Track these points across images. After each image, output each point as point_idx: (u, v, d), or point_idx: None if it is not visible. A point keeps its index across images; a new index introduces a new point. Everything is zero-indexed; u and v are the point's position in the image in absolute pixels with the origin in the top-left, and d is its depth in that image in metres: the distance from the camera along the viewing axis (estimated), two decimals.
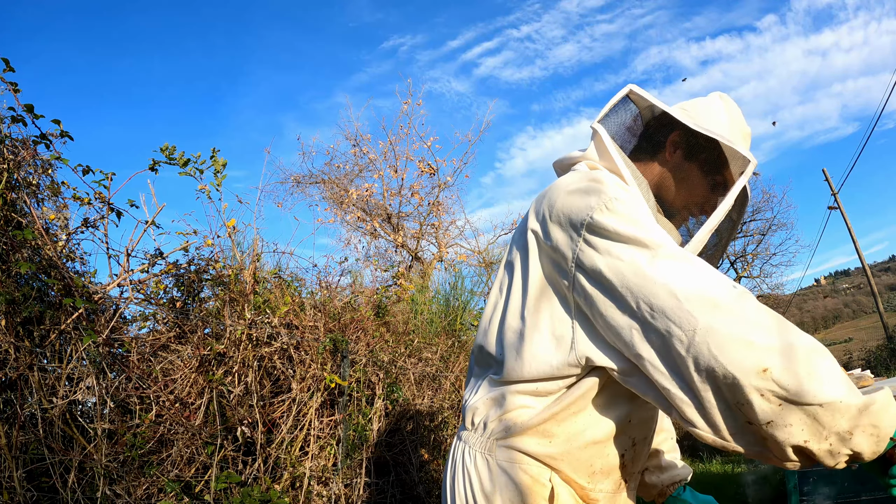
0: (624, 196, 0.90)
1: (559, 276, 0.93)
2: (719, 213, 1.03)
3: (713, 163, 1.08)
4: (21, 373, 1.83)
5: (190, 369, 2.27)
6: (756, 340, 0.74)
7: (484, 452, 0.99)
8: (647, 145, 1.13)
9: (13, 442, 1.76)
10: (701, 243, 1.04)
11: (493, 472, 0.97)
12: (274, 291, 2.91)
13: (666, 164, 1.11)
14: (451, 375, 3.90)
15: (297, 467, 2.52)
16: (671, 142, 1.10)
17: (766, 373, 0.72)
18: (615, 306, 0.85)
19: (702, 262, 0.83)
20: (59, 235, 2.26)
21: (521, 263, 1.00)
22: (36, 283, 2.01)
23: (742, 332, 0.74)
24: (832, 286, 77.73)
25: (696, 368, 0.76)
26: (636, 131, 1.16)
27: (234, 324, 2.44)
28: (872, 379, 3.15)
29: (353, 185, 11.16)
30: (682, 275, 0.80)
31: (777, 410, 0.73)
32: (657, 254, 0.83)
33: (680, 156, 1.10)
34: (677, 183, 1.10)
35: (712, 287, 0.78)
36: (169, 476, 2.07)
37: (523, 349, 0.95)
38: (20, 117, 2.10)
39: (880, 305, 16.16)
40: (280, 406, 2.58)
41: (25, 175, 2.18)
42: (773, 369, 0.72)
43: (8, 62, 2.06)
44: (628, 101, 1.14)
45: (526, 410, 0.96)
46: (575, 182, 0.96)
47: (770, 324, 0.76)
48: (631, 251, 0.84)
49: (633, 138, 1.15)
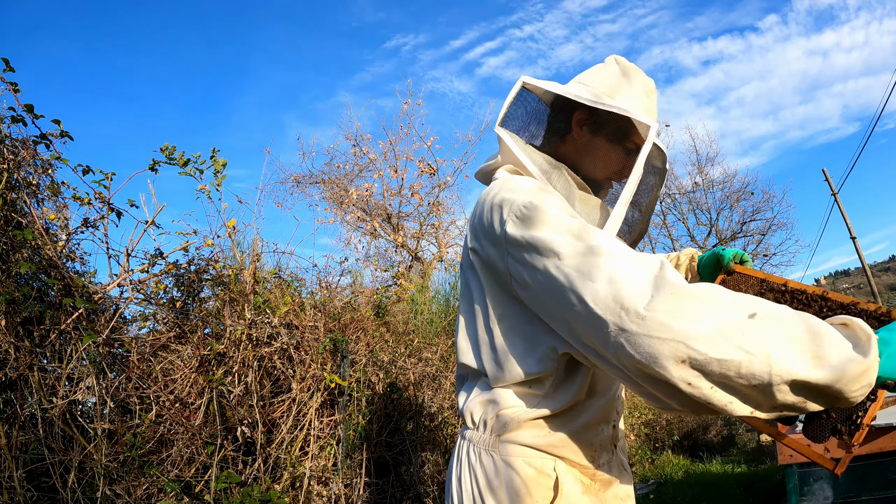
0: (530, 200, 0.93)
1: (505, 284, 0.98)
2: (631, 184, 1.05)
3: (620, 132, 1.11)
4: (21, 373, 1.83)
5: (190, 369, 2.27)
6: (666, 336, 0.72)
7: (488, 449, 1.01)
8: (556, 130, 1.15)
9: (13, 442, 1.76)
10: (619, 216, 1.06)
11: (497, 468, 0.98)
12: (274, 291, 2.91)
13: (576, 143, 1.13)
14: (451, 375, 3.90)
15: (297, 467, 2.52)
16: (577, 121, 1.13)
17: (685, 363, 0.72)
18: (546, 310, 0.90)
19: (609, 259, 0.81)
20: (59, 235, 2.26)
21: (474, 281, 1.05)
22: (36, 283, 2.01)
23: (651, 329, 0.73)
24: (832, 286, 77.75)
25: (624, 366, 0.78)
26: (543, 119, 1.17)
27: (234, 324, 2.44)
28: None
29: (353, 185, 11.15)
30: (588, 278, 0.80)
31: (709, 394, 0.73)
32: (564, 262, 0.84)
33: (587, 132, 1.13)
34: (592, 158, 1.13)
35: (621, 286, 0.77)
36: (169, 476, 2.07)
37: (501, 359, 1.00)
38: (20, 117, 2.10)
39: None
40: (280, 406, 2.58)
41: (25, 175, 2.18)
42: (692, 359, 0.72)
43: (8, 62, 2.06)
44: (527, 93, 1.15)
45: (521, 406, 0.99)
46: (490, 195, 1.00)
47: (687, 309, 0.73)
48: (542, 260, 0.87)
49: (542, 127, 1.17)
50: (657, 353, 0.73)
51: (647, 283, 0.77)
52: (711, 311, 0.73)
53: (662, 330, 0.73)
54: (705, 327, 0.72)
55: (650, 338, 0.73)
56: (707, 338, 0.71)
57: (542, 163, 1.08)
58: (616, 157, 1.13)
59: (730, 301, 0.75)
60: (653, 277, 0.78)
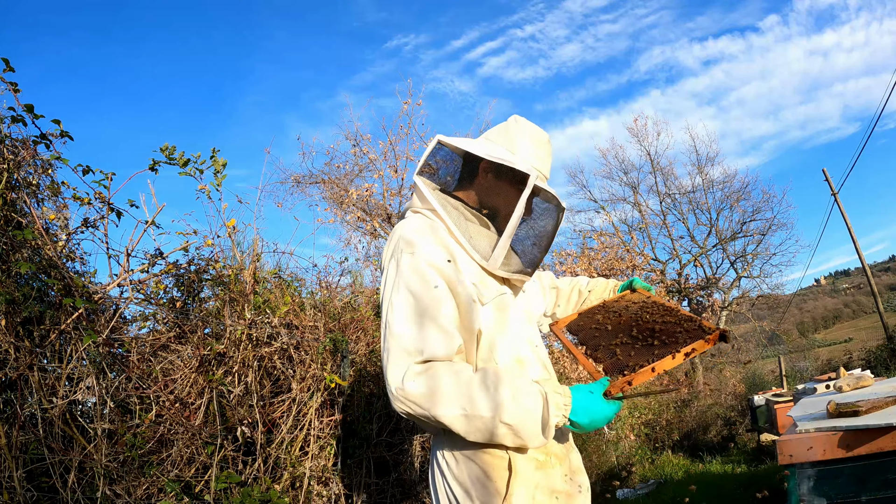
0: (394, 260, 1.30)
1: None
2: (512, 221, 1.35)
3: (513, 177, 1.40)
4: (21, 373, 1.83)
5: (190, 369, 2.26)
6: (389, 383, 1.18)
7: (452, 449, 1.27)
8: (467, 175, 1.49)
9: (13, 442, 1.76)
10: (503, 248, 1.35)
11: (459, 461, 1.25)
12: (274, 291, 2.91)
13: (482, 185, 1.47)
14: None
15: (297, 467, 2.52)
16: (482, 168, 1.45)
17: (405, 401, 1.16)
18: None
19: (395, 344, 1.19)
20: (59, 235, 2.26)
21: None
22: (36, 283, 2.01)
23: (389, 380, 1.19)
24: (832, 286, 77.68)
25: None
26: (456, 167, 1.50)
27: (234, 324, 2.43)
28: (872, 379, 3.15)
29: (353, 185, 11.14)
30: (390, 334, 1.21)
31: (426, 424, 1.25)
32: (390, 330, 1.21)
33: (491, 178, 1.45)
34: (494, 197, 1.45)
35: (392, 359, 1.19)
36: (169, 476, 2.07)
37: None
38: (20, 117, 2.10)
39: (880, 305, 16.15)
40: (280, 406, 2.58)
41: (25, 175, 2.18)
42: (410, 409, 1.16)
43: (8, 62, 2.06)
44: (442, 147, 1.46)
45: None
46: (393, 237, 1.35)
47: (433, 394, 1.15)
48: (385, 306, 1.27)
49: (455, 173, 1.50)
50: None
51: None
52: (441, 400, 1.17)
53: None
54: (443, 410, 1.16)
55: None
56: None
57: (447, 205, 1.38)
58: (511, 196, 1.39)
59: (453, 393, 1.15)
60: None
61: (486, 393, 1.11)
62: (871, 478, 2.07)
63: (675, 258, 18.26)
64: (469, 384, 1.12)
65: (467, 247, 1.33)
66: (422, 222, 1.34)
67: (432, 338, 1.15)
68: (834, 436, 2.07)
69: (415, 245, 1.26)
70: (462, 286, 1.26)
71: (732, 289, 18.10)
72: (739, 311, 17.84)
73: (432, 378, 1.11)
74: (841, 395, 2.76)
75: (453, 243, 1.34)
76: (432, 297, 1.19)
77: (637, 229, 17.76)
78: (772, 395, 6.73)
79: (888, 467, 2.03)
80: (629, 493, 5.79)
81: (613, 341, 1.44)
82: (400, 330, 1.17)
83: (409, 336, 1.15)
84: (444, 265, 1.24)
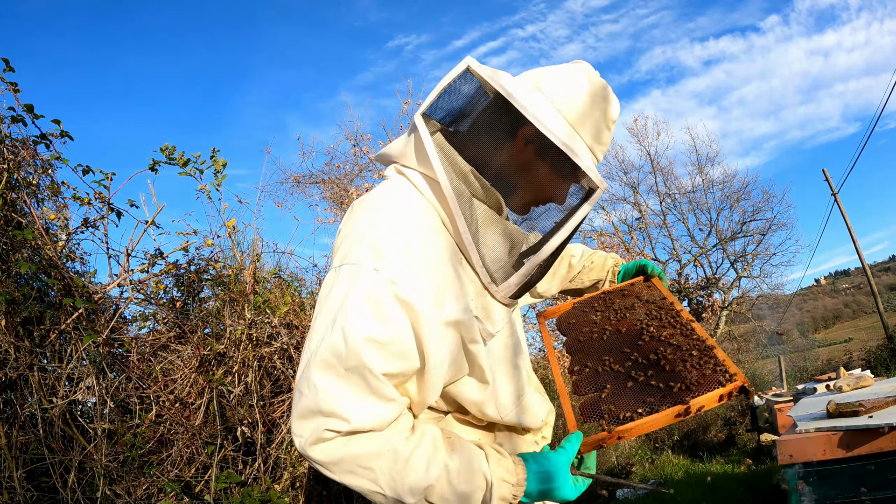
0: (370, 275, 0.84)
1: None
2: (550, 249, 0.95)
3: (567, 168, 0.96)
4: (21, 373, 1.83)
5: (190, 369, 2.27)
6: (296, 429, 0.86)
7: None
8: (493, 134, 0.97)
9: (13, 442, 1.76)
10: (526, 274, 0.97)
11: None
12: (274, 291, 2.91)
13: (514, 158, 0.98)
14: None
15: (297, 467, 2.52)
16: (523, 135, 0.96)
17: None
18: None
19: (310, 393, 0.83)
20: (59, 235, 2.26)
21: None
22: (36, 283, 2.01)
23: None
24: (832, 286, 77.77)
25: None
26: (476, 113, 0.99)
27: (234, 324, 2.44)
28: (872, 379, 3.15)
29: (353, 185, 11.14)
30: (306, 378, 0.84)
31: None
32: (309, 372, 0.83)
33: (532, 152, 0.97)
34: (525, 179, 0.99)
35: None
36: (169, 476, 2.07)
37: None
38: (20, 117, 2.10)
39: (880, 305, 16.15)
40: (280, 406, 2.58)
41: (25, 175, 2.19)
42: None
43: (8, 62, 2.06)
44: (470, 79, 0.97)
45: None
46: (355, 219, 0.93)
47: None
48: (315, 331, 0.86)
49: (471, 120, 1.00)
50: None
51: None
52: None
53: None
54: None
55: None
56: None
57: (460, 187, 0.92)
58: (551, 185, 1.00)
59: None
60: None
61: (414, 470, 0.84)
62: (871, 478, 2.07)
63: (675, 258, 18.27)
64: (394, 457, 0.83)
65: (476, 263, 0.94)
66: (407, 205, 0.91)
67: (361, 406, 0.82)
68: (834, 436, 2.07)
69: (384, 257, 0.84)
70: (448, 332, 0.89)
71: (732, 289, 18.10)
72: (739, 311, 17.85)
73: (346, 445, 0.83)
74: (841, 395, 2.76)
75: (452, 247, 0.93)
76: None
77: (637, 229, 17.76)
78: (772, 395, 6.73)
79: (888, 467, 2.03)
80: (629, 493, 5.79)
81: (604, 358, 1.14)
82: (320, 382, 0.81)
83: (328, 394, 0.81)
84: (422, 301, 0.84)
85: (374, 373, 0.81)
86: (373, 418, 0.83)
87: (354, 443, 0.83)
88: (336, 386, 0.81)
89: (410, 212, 0.90)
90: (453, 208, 0.90)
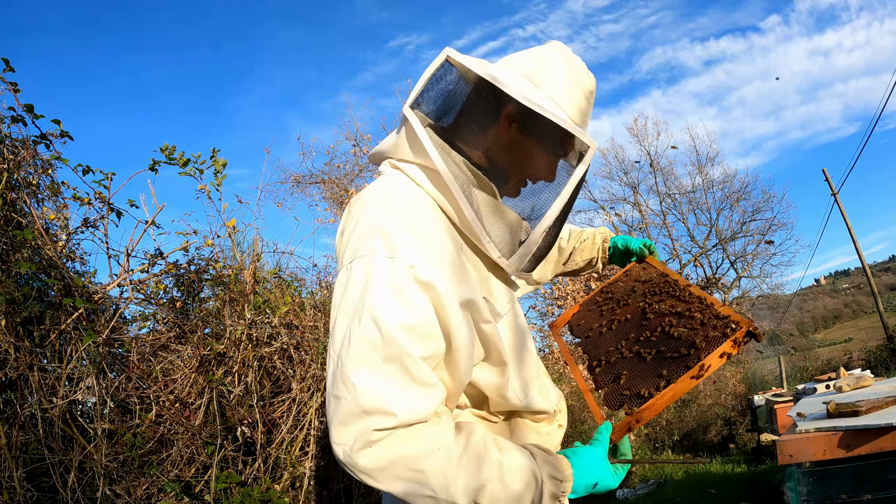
0: (386, 264, 0.83)
1: None
2: (550, 217, 0.97)
3: (554, 139, 0.98)
4: (21, 373, 1.83)
5: (190, 369, 2.27)
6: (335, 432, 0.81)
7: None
8: (477, 120, 0.98)
9: (13, 442, 1.76)
10: (534, 244, 0.99)
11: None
12: (274, 291, 2.91)
13: (500, 139, 0.99)
14: None
15: (297, 467, 2.52)
16: (506, 115, 0.97)
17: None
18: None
19: (348, 396, 0.80)
20: (59, 235, 2.26)
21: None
22: (36, 283, 2.01)
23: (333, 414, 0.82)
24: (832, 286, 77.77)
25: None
26: (459, 103, 1.00)
27: (234, 324, 2.44)
28: (872, 379, 3.15)
29: (353, 185, 11.14)
30: (342, 379, 0.81)
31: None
32: (343, 373, 0.80)
33: (516, 130, 0.98)
34: (513, 157, 1.01)
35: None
36: (169, 476, 2.07)
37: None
38: (20, 117, 2.10)
39: (880, 305, 16.16)
40: (280, 406, 2.58)
41: (25, 175, 2.19)
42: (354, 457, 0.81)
43: (8, 62, 2.06)
44: (450, 69, 0.98)
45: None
46: (361, 213, 0.92)
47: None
48: (337, 333, 0.84)
49: (455, 112, 1.00)
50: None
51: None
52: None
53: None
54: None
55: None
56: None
57: (457, 171, 0.94)
58: (541, 160, 1.01)
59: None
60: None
61: (466, 469, 0.82)
62: (871, 478, 2.07)
63: (675, 258, 18.27)
64: (447, 456, 0.81)
65: (483, 238, 0.94)
66: (406, 195, 0.92)
67: (405, 396, 0.79)
68: (834, 436, 2.07)
69: (396, 244, 0.83)
70: (464, 313, 0.88)
71: (732, 289, 18.11)
72: (739, 312, 17.89)
73: (395, 446, 0.79)
74: (841, 395, 2.76)
75: (454, 236, 0.94)
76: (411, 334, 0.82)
77: (637, 229, 17.76)
78: (772, 395, 6.73)
79: (888, 467, 2.03)
80: (629, 493, 5.79)
81: (617, 347, 1.17)
82: (358, 379, 0.78)
83: (370, 390, 0.78)
84: (440, 282, 0.83)
85: (414, 357, 0.80)
86: (419, 408, 0.81)
87: (404, 444, 0.80)
88: (376, 380, 0.79)
89: (410, 201, 0.91)
90: (454, 191, 0.91)
